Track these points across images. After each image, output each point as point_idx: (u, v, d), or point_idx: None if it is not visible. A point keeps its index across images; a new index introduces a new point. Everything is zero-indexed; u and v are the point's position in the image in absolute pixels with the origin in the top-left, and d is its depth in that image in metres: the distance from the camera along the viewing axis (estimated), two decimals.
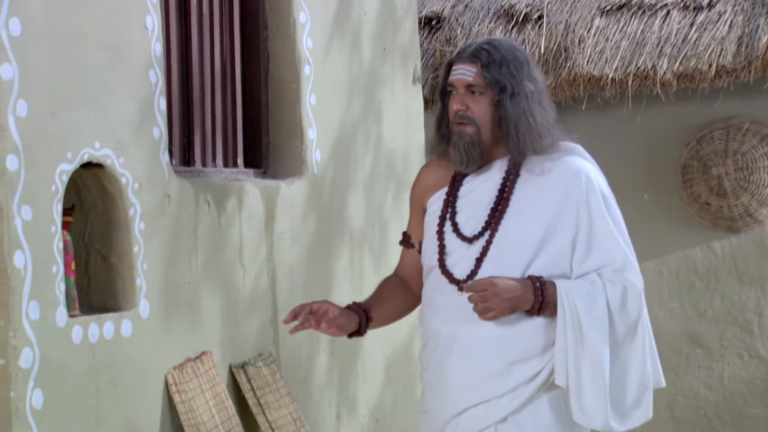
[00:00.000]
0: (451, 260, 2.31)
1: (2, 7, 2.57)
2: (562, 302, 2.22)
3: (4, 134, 2.59)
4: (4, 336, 2.60)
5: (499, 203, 2.29)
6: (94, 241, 3.11)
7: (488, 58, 2.25)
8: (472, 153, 2.29)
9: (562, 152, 2.31)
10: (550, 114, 2.34)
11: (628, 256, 2.27)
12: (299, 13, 3.92)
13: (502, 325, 2.24)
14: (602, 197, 2.28)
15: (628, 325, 2.26)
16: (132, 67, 3.07)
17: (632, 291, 2.25)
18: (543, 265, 2.26)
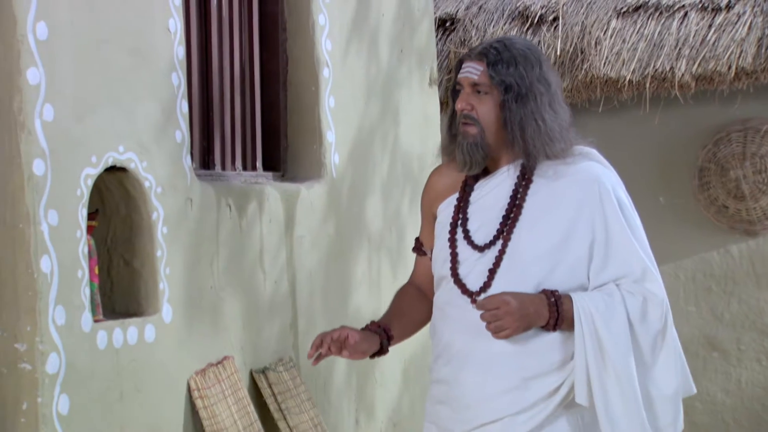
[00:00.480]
0: (463, 270, 2.23)
1: (30, 11, 2.58)
2: (579, 317, 2.13)
3: (30, 138, 2.61)
4: (31, 341, 2.61)
5: (511, 211, 2.21)
6: (117, 245, 3.11)
7: (496, 57, 2.17)
8: (474, 155, 2.20)
9: (576, 157, 2.22)
10: (563, 117, 2.23)
11: (647, 265, 2.17)
12: (318, 15, 3.93)
13: (518, 341, 2.16)
14: (619, 203, 2.19)
15: (652, 337, 2.15)
16: (155, 71, 3.08)
17: (653, 301, 2.16)
18: (559, 276, 2.16)
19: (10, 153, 2.59)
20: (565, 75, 5.25)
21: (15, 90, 2.57)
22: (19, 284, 2.61)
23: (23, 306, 2.61)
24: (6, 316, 2.62)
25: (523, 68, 2.16)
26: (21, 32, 2.56)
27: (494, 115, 2.18)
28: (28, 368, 2.61)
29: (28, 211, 2.61)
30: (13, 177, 2.60)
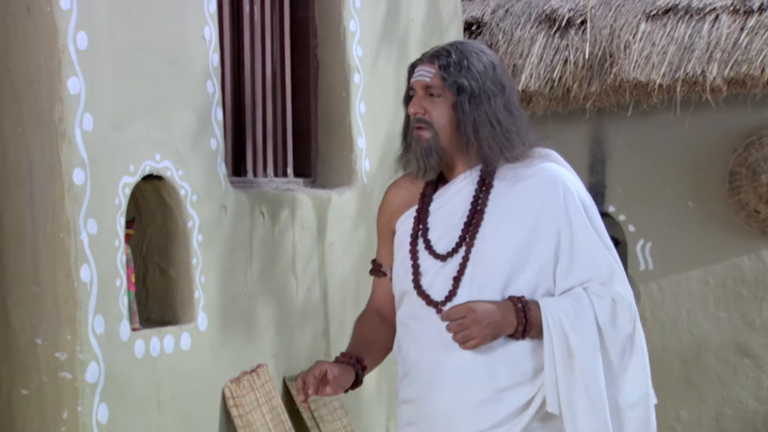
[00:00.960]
0: (426, 281, 2.14)
1: (71, 21, 2.61)
2: (547, 322, 2.07)
3: (71, 148, 2.63)
4: (72, 350, 2.64)
5: (473, 217, 2.14)
6: (153, 253, 3.14)
7: (448, 59, 2.11)
8: (429, 159, 2.12)
9: (536, 159, 2.15)
10: (520, 120, 2.16)
11: (614, 267, 2.11)
12: (349, 21, 3.95)
13: (489, 350, 2.09)
14: (582, 204, 2.13)
15: (621, 341, 2.10)
16: (191, 78, 3.11)
17: (622, 304, 2.10)
18: (525, 281, 2.10)
19: (50, 163, 2.62)
20: (594, 79, 5.25)
21: (56, 99, 2.60)
22: (59, 293, 2.64)
23: (63, 315, 2.64)
24: (47, 325, 2.64)
25: (476, 70, 2.11)
26: (62, 42, 2.59)
27: (448, 118, 2.11)
28: (68, 377, 2.63)
29: (68, 220, 2.63)
30: (54, 187, 2.63)
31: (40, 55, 2.59)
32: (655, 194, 5.61)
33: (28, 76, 2.61)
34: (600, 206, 5.81)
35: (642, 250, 5.79)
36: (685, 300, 5.57)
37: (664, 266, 5.60)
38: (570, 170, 2.19)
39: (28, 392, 2.66)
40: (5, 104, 2.64)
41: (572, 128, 5.74)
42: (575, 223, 2.09)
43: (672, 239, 5.59)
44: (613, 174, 5.75)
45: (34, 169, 2.63)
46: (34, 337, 2.65)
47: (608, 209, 5.79)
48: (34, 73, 2.60)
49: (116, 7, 2.79)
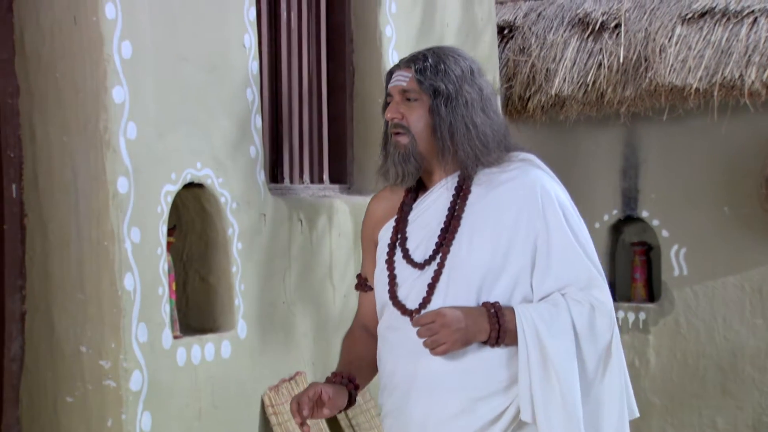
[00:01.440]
0: (403, 291, 2.11)
1: (116, 30, 2.64)
2: (522, 329, 2.01)
3: (115, 157, 2.66)
4: (116, 358, 2.66)
5: (449, 223, 2.10)
6: (192, 261, 3.17)
7: (424, 62, 2.09)
8: (407, 165, 2.08)
9: (515, 163, 2.12)
10: (498, 124, 2.13)
11: (593, 272, 2.06)
12: (386, 27, 3.96)
13: (464, 358, 2.04)
14: (561, 208, 2.08)
15: (599, 348, 2.05)
16: (231, 86, 3.13)
17: (601, 310, 2.05)
18: (501, 287, 2.06)
19: (95, 171, 2.65)
20: (629, 83, 5.23)
21: (101, 108, 2.63)
22: (103, 302, 2.67)
23: (108, 323, 2.67)
24: (91, 333, 2.67)
25: (453, 73, 2.08)
26: (107, 51, 2.62)
27: (425, 122, 2.08)
28: (112, 385, 2.66)
29: (112, 228, 2.66)
30: (98, 195, 2.66)
31: (85, 64, 2.62)
32: (690, 199, 5.58)
33: (74, 85, 2.64)
34: (633, 211, 5.79)
35: (676, 255, 5.76)
36: (720, 306, 5.53)
37: (699, 272, 5.57)
38: (551, 175, 2.15)
39: (73, 400, 2.68)
40: (51, 113, 2.67)
41: (605, 133, 5.72)
42: (552, 228, 2.06)
43: (707, 245, 5.56)
44: (647, 179, 5.73)
45: (79, 177, 2.66)
46: (78, 345, 2.68)
47: (641, 214, 5.77)
48: (79, 82, 2.63)
49: (159, 15, 2.82)
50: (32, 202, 2.70)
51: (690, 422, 5.56)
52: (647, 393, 5.73)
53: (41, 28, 2.63)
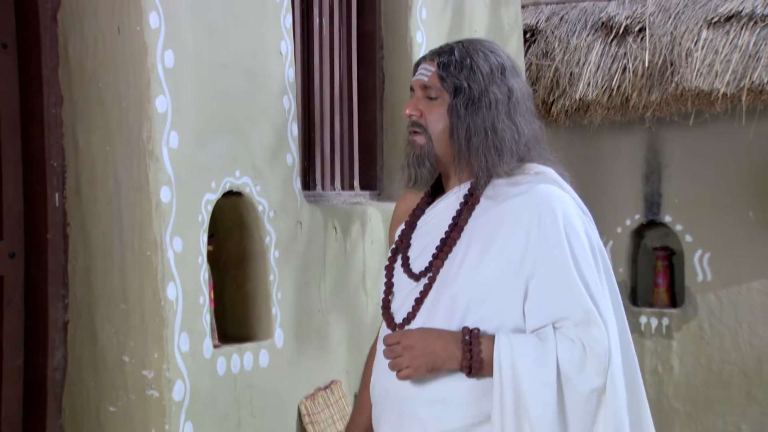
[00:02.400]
0: (397, 301, 1.97)
1: (159, 39, 2.65)
2: (498, 363, 1.82)
3: (158, 166, 2.68)
4: (159, 368, 2.68)
5: (449, 235, 1.94)
6: (229, 269, 3.18)
7: (449, 57, 1.93)
8: (420, 168, 1.94)
9: (528, 175, 1.93)
10: (525, 130, 1.94)
11: (591, 308, 1.85)
12: (416, 33, 3.98)
13: (434, 386, 1.87)
14: (566, 231, 1.87)
15: (584, 394, 1.83)
16: (268, 94, 3.15)
17: (595, 351, 1.83)
18: (489, 312, 1.87)
19: (138, 180, 2.67)
20: (654, 87, 5.24)
21: (144, 118, 2.65)
22: (146, 311, 2.68)
23: (150, 333, 2.68)
24: (134, 343, 2.69)
25: (480, 70, 1.91)
26: (151, 61, 2.63)
27: (444, 124, 1.93)
28: (155, 395, 2.67)
29: (155, 238, 2.68)
30: (141, 204, 2.67)
31: (129, 73, 2.64)
32: (715, 204, 5.59)
33: (117, 94, 2.66)
34: (656, 216, 5.80)
35: (700, 260, 5.77)
36: (745, 312, 5.54)
37: (724, 277, 5.58)
38: (568, 192, 1.95)
39: (116, 409, 2.70)
40: (94, 122, 2.69)
41: (627, 137, 5.74)
42: (552, 254, 1.86)
43: (732, 250, 5.57)
44: (670, 183, 5.74)
45: (122, 186, 2.68)
46: (121, 355, 2.69)
47: (664, 219, 5.78)
48: (123, 91, 2.65)
49: (200, 24, 2.83)
50: (75, 212, 2.72)
51: (714, 428, 5.57)
52: (670, 399, 5.73)
53: (85, 38, 2.65)
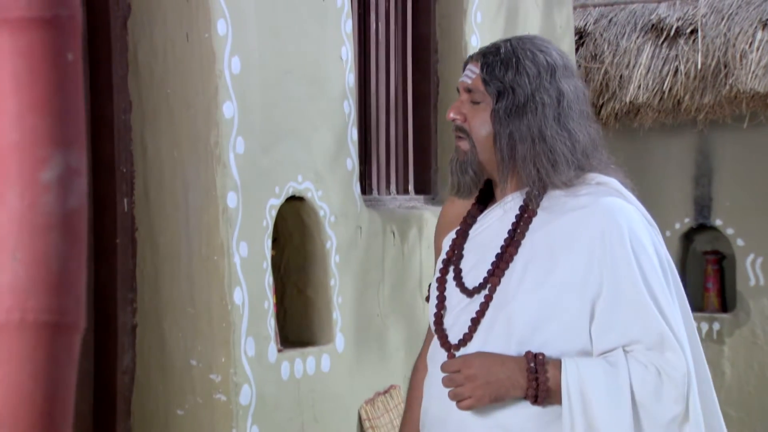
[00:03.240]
0: (450, 318, 1.86)
1: (226, 46, 2.69)
2: (567, 391, 1.72)
3: (225, 171, 2.71)
4: (226, 373, 2.71)
5: (505, 250, 1.83)
6: (290, 274, 3.21)
7: (494, 57, 1.81)
8: (463, 176, 1.84)
9: (591, 186, 1.81)
10: (579, 137, 1.81)
11: (665, 330, 1.74)
12: (471, 36, 3.99)
13: (499, 414, 1.77)
14: (634, 248, 1.76)
15: (664, 423, 1.73)
16: (329, 99, 3.18)
17: (672, 377, 1.72)
18: (553, 335, 1.76)
19: (206, 186, 2.70)
20: (707, 90, 5.21)
21: (212, 124, 2.68)
22: (213, 316, 2.72)
23: (218, 337, 2.72)
24: (201, 347, 2.72)
25: (527, 71, 1.79)
26: (219, 67, 2.67)
27: (487, 130, 1.82)
28: (222, 399, 2.71)
29: (222, 243, 2.71)
30: (209, 209, 2.71)
31: (197, 80, 2.67)
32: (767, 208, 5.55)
33: (185, 101, 2.69)
34: (706, 219, 5.77)
35: (752, 265, 5.73)
36: None
37: None
38: (633, 204, 1.84)
39: (184, 413, 2.74)
40: (162, 128, 2.73)
41: (677, 140, 5.71)
42: (620, 272, 1.75)
43: None
44: (721, 187, 5.71)
45: (190, 192, 2.72)
46: (189, 359, 2.73)
47: (715, 222, 5.75)
48: (191, 97, 2.69)
49: (265, 30, 2.87)
50: (143, 217, 2.76)
51: None
52: (722, 405, 5.68)
53: (154, 45, 2.70)
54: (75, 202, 0.86)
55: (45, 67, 0.84)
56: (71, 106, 0.86)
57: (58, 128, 0.85)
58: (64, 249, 0.85)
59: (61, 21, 0.84)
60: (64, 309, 0.85)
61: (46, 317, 0.84)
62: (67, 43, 0.85)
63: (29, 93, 0.84)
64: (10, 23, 0.83)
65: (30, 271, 0.84)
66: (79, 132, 0.86)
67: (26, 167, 0.84)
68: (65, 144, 0.85)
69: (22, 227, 0.84)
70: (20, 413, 0.83)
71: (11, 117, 0.84)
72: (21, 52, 0.84)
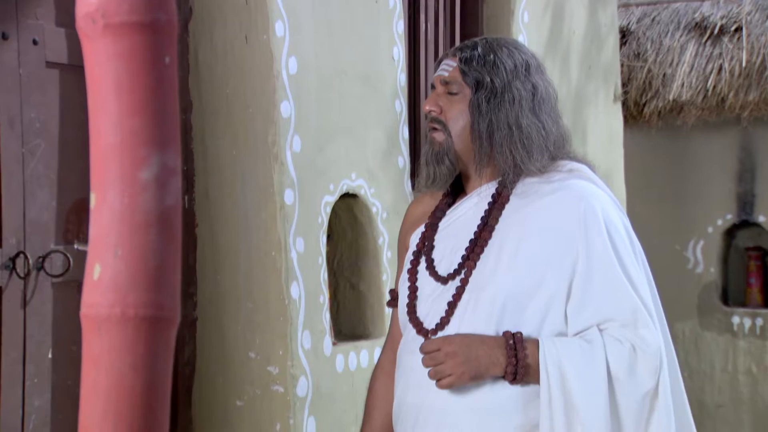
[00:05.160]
0: (424, 307, 1.85)
1: (284, 47, 2.71)
2: (545, 368, 1.72)
3: (282, 169, 2.73)
4: (283, 365, 2.73)
5: (480, 235, 1.84)
6: (343, 269, 3.23)
7: (472, 52, 1.84)
8: (439, 166, 1.84)
9: (563, 173, 1.83)
10: (551, 128, 1.84)
11: (639, 307, 1.76)
12: (518, 36, 3.98)
13: (476, 395, 1.76)
14: (608, 229, 1.79)
15: (639, 396, 1.74)
16: (382, 98, 3.18)
17: (645, 351, 1.74)
18: (530, 315, 1.77)
19: (264, 183, 2.73)
20: (751, 87, 5.14)
21: (270, 123, 2.70)
22: (271, 310, 2.74)
23: (275, 331, 2.74)
24: (259, 341, 2.75)
25: (503, 65, 1.83)
26: (277, 68, 2.69)
27: (465, 120, 1.83)
28: (280, 391, 2.73)
29: (279, 239, 2.73)
30: (267, 206, 2.73)
31: (255, 80, 2.70)
32: None
33: (244, 101, 2.72)
34: (749, 215, 5.70)
35: None
36: None
37: None
38: (604, 188, 1.87)
39: (243, 404, 2.76)
40: (221, 128, 2.76)
41: (720, 137, 5.64)
42: (594, 252, 1.77)
43: None
44: (764, 183, 5.63)
45: (248, 189, 2.74)
46: (247, 351, 2.76)
47: (758, 219, 5.67)
48: (249, 98, 2.71)
49: (320, 30, 2.88)
50: (203, 213, 2.79)
51: None
52: (766, 399, 5.62)
53: (214, 47, 2.72)
54: (171, 200, 0.87)
55: (144, 70, 0.86)
56: (168, 107, 0.87)
57: (156, 129, 0.86)
58: (162, 245, 0.87)
59: (159, 25, 0.86)
60: (161, 303, 0.86)
61: (145, 311, 0.85)
62: (164, 47, 0.86)
63: (129, 95, 0.86)
64: (113, 28, 0.85)
65: (130, 267, 0.86)
66: (175, 133, 0.88)
67: (126, 167, 0.86)
68: (162, 144, 0.87)
69: (123, 225, 0.86)
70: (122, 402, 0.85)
71: (112, 119, 0.86)
72: (122, 55, 0.85)
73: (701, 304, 5.72)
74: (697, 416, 6.14)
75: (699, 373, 5.68)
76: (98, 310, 0.85)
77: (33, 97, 2.44)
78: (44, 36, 2.48)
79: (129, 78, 0.86)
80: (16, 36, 2.42)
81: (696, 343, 5.74)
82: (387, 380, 1.95)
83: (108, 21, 0.84)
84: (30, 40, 2.46)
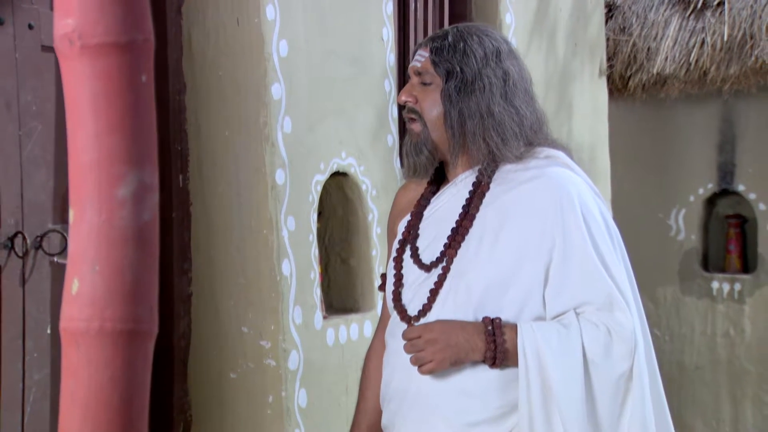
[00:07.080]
0: (408, 293, 1.86)
1: (274, 30, 2.68)
2: (523, 351, 1.72)
3: (273, 150, 2.72)
4: (275, 339, 2.74)
5: (461, 223, 1.83)
6: (334, 244, 3.22)
7: (442, 41, 1.83)
8: (418, 156, 1.83)
9: (539, 160, 1.82)
10: (525, 114, 1.82)
11: (614, 291, 1.76)
12: (506, 14, 3.94)
13: (458, 378, 1.76)
14: (584, 215, 1.78)
15: (614, 378, 1.74)
16: (371, 78, 3.16)
17: (620, 335, 1.74)
18: (509, 301, 1.77)
19: (255, 164, 2.71)
20: (733, 61, 5.11)
21: (261, 105, 2.68)
22: (263, 286, 2.74)
23: (267, 306, 2.74)
24: (252, 315, 2.75)
25: (474, 54, 1.81)
26: (267, 50, 2.66)
27: (438, 109, 1.82)
28: (272, 364, 2.74)
29: (270, 217, 2.72)
30: (258, 186, 2.72)
31: (247, 62, 2.67)
32: None
33: (236, 83, 2.69)
34: (729, 185, 5.70)
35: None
36: None
37: None
38: (581, 175, 1.86)
39: (236, 376, 2.77)
40: (214, 109, 2.73)
41: (702, 109, 5.63)
42: (570, 238, 1.76)
43: None
44: (744, 154, 5.62)
45: (240, 169, 2.73)
46: (240, 326, 2.76)
47: (737, 188, 5.67)
48: (240, 79, 2.69)
49: (311, 13, 2.85)
50: (197, 192, 2.78)
51: None
52: (742, 360, 5.66)
53: (207, 29, 2.69)
54: (147, 216, 0.86)
55: (121, 89, 0.84)
56: (144, 125, 0.86)
57: (133, 147, 0.85)
58: (138, 261, 0.86)
59: (136, 45, 0.84)
60: (139, 317, 0.86)
61: (123, 325, 0.85)
62: (140, 66, 0.85)
63: (106, 114, 0.84)
64: (90, 49, 0.83)
65: (108, 282, 0.85)
66: (152, 150, 0.87)
67: (103, 184, 0.85)
68: (139, 162, 0.86)
69: (100, 241, 0.85)
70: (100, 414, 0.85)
71: (90, 137, 0.85)
72: (99, 76, 0.84)
73: (682, 269, 5.75)
74: (677, 377, 6.19)
75: (679, 336, 5.72)
76: (77, 324, 0.85)
77: (29, 81, 2.42)
78: (40, 20, 2.45)
79: (106, 97, 0.84)
80: (12, 20, 2.39)
81: (677, 307, 5.77)
82: (379, 362, 1.96)
83: (85, 42, 0.83)
84: (25, 25, 2.43)
